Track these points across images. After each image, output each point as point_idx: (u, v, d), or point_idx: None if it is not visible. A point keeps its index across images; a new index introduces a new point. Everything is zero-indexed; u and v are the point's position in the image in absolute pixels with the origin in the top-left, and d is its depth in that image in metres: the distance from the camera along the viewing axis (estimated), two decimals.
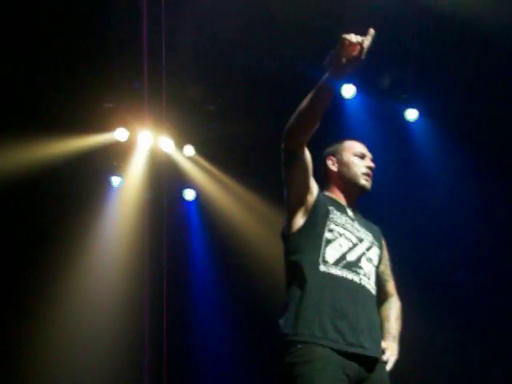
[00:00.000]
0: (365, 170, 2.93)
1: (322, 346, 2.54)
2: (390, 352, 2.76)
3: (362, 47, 2.35)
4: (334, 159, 2.99)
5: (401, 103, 6.68)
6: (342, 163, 2.97)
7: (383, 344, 2.75)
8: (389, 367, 2.73)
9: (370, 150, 3.08)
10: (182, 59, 6.35)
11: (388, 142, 6.64)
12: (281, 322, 2.65)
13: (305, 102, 2.58)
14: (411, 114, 6.72)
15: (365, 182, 2.92)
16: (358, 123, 6.57)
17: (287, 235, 2.81)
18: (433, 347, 6.81)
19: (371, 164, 2.97)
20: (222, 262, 7.48)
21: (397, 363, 2.78)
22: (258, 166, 6.92)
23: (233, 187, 7.23)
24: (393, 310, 2.96)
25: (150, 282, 6.17)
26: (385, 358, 2.72)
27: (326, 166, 2.99)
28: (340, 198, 2.95)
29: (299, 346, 2.55)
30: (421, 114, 6.72)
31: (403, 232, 6.94)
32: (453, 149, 6.72)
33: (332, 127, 2.79)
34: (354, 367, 2.57)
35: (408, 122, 6.78)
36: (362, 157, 2.98)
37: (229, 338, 7.31)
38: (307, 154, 2.74)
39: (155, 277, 6.18)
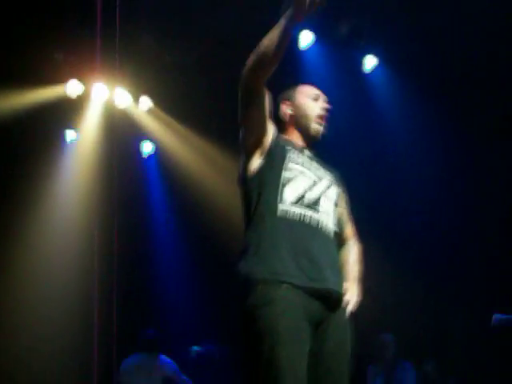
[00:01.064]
0: (318, 112, 2.88)
1: (284, 283, 2.50)
2: (351, 293, 2.73)
3: None
4: (288, 103, 2.94)
5: (359, 51, 6.62)
6: (295, 106, 2.91)
7: (344, 285, 2.72)
8: (350, 308, 2.69)
9: (328, 98, 3.00)
10: (137, 7, 6.14)
11: (346, 91, 6.60)
12: (240, 264, 2.61)
13: (266, 40, 2.55)
14: (370, 62, 6.67)
15: (316, 125, 2.87)
16: (315, 71, 6.49)
17: (244, 178, 2.76)
18: (393, 293, 6.90)
19: (325, 105, 2.92)
20: (181, 215, 7.45)
21: (359, 306, 2.75)
22: (217, 117, 6.82)
23: (192, 139, 7.13)
24: (352, 252, 2.92)
25: (102, 238, 6.06)
26: (346, 299, 2.69)
27: (280, 110, 2.93)
28: (296, 140, 2.89)
29: (260, 286, 2.51)
30: (380, 62, 6.68)
31: (361, 181, 6.97)
32: (411, 97, 6.71)
33: (289, 76, 2.71)
34: (315, 307, 2.55)
35: (366, 70, 6.74)
36: (316, 99, 2.92)
37: (189, 288, 7.32)
38: (266, 94, 2.69)
39: (107, 231, 6.07)
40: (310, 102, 2.91)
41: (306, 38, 6.35)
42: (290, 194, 2.66)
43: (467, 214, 6.90)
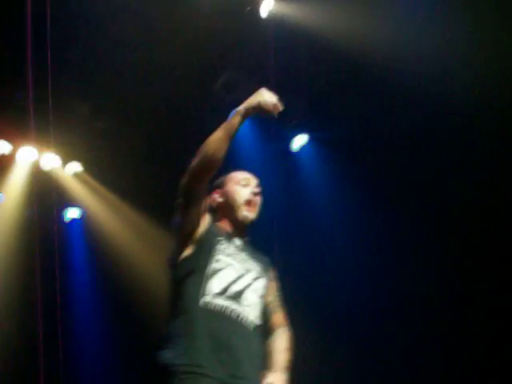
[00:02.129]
0: (247, 197, 2.87)
1: (204, 375, 2.48)
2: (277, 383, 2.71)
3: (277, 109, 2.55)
4: (219, 191, 2.95)
5: (290, 130, 6.74)
6: (225, 194, 2.92)
7: (270, 376, 2.68)
8: None
9: (257, 178, 3.03)
10: (69, 74, 6.14)
11: (275, 170, 6.67)
12: (162, 354, 2.59)
13: (211, 142, 2.58)
14: (299, 141, 6.79)
15: (246, 213, 2.87)
16: (244, 148, 6.56)
17: (174, 264, 2.76)
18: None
19: (256, 189, 2.92)
20: (104, 285, 7.28)
21: None
22: (146, 188, 6.80)
23: (120, 207, 7.07)
24: (280, 340, 2.90)
25: (23, 308, 5.90)
26: None
27: (212, 200, 2.93)
28: (229, 229, 2.89)
29: (182, 376, 2.49)
30: (309, 141, 6.81)
31: (292, 260, 6.99)
32: (339, 177, 6.83)
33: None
34: None
35: (295, 148, 6.86)
36: (247, 184, 2.93)
37: (109, 363, 7.12)
38: (205, 193, 2.73)
39: (29, 301, 5.90)
40: (239, 188, 2.90)
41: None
42: (214, 285, 2.65)
43: (396, 296, 6.95)
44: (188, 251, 2.74)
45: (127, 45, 5.87)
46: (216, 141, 2.56)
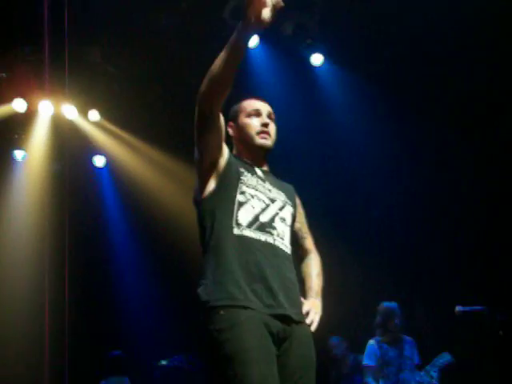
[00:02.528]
0: (259, 129, 2.85)
1: (244, 307, 2.49)
2: (314, 311, 2.74)
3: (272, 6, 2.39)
4: (232, 125, 2.93)
5: (305, 49, 6.61)
6: (238, 128, 2.91)
7: (306, 303, 2.74)
8: (313, 328, 2.70)
9: (277, 99, 2.98)
10: (84, 22, 6.02)
11: (295, 90, 6.61)
12: (199, 290, 2.59)
13: (217, 63, 2.50)
14: (316, 59, 6.65)
15: (261, 140, 2.85)
16: (262, 73, 6.47)
17: (199, 200, 2.75)
18: (359, 291, 6.91)
19: (266, 120, 2.88)
20: (136, 226, 7.34)
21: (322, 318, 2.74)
22: (165, 126, 6.76)
23: (142, 149, 7.05)
24: (313, 266, 2.93)
25: (54, 253, 5.99)
26: (309, 320, 2.69)
27: (227, 133, 2.89)
28: (248, 160, 2.88)
29: (222, 312, 2.49)
30: (326, 59, 6.67)
31: (317, 180, 6.99)
32: (358, 92, 6.71)
33: (236, 80, 2.64)
34: (277, 325, 2.54)
35: (313, 67, 6.71)
36: (257, 114, 2.89)
37: (148, 300, 7.24)
38: (221, 118, 2.67)
39: (60, 246, 5.98)
40: (250, 120, 2.87)
41: (251, 41, 6.31)
42: (244, 217, 2.65)
43: (427, 209, 6.95)
44: (212, 185, 2.72)
45: None
46: (222, 59, 2.48)
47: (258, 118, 2.88)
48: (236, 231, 2.62)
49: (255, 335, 2.45)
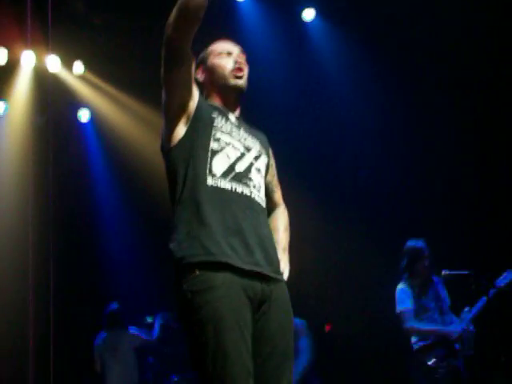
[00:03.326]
0: (231, 66, 2.68)
1: (220, 263, 2.37)
2: (283, 264, 2.66)
3: None
4: (201, 69, 2.75)
5: (297, 3, 6.47)
6: (208, 70, 2.73)
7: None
8: (284, 278, 2.62)
9: (264, 53, 2.86)
10: None
11: (284, 44, 6.49)
12: (172, 246, 2.46)
13: None
14: (308, 14, 6.53)
15: (235, 80, 2.68)
16: (251, 25, 6.30)
17: (168, 148, 2.57)
18: (340, 251, 6.91)
19: (239, 58, 2.72)
20: (122, 181, 7.25)
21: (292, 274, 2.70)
22: (151, 79, 6.59)
23: (127, 102, 6.92)
24: (281, 220, 2.83)
25: (37, 209, 5.89)
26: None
27: (197, 79, 2.72)
28: (220, 104, 2.71)
29: (197, 272, 2.37)
30: (317, 14, 6.54)
31: (304, 136, 6.91)
32: (349, 49, 6.62)
33: (226, 28, 2.52)
34: (254, 287, 2.43)
35: (304, 22, 6.59)
36: (229, 54, 2.73)
37: (132, 256, 7.19)
38: (191, 55, 2.50)
39: (43, 202, 5.88)
40: (222, 59, 2.70)
41: None
42: (218, 167, 2.50)
43: (416, 170, 6.91)
44: (181, 131, 2.55)
45: None
46: None
47: (229, 57, 2.71)
48: (210, 181, 2.47)
49: (231, 302, 2.35)
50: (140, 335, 6.36)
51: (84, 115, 7.02)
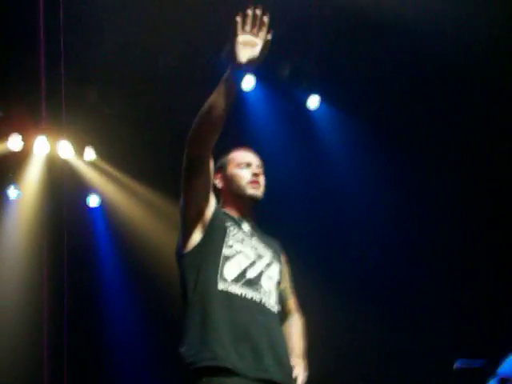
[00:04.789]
0: (250, 179, 2.78)
1: (227, 373, 2.36)
2: (297, 371, 2.63)
3: (265, 42, 2.38)
4: (221, 175, 2.84)
5: (302, 92, 6.61)
6: (227, 179, 2.82)
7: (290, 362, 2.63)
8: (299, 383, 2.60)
9: (271, 143, 2.95)
10: (81, 60, 6.04)
11: (291, 132, 6.59)
12: (182, 350, 2.47)
13: (208, 104, 2.46)
14: (313, 102, 6.67)
15: (252, 190, 2.77)
16: (258, 115, 6.46)
17: (183, 254, 2.63)
18: (349, 338, 6.80)
19: (257, 170, 2.81)
20: (130, 271, 7.22)
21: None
22: (161, 167, 6.73)
23: (138, 190, 7.00)
24: (295, 327, 2.84)
25: (51, 295, 5.89)
26: (295, 376, 2.59)
27: (214, 185, 2.81)
28: (235, 214, 2.79)
29: (204, 379, 2.37)
30: (322, 102, 6.68)
31: (313, 224, 6.90)
32: (355, 137, 6.72)
33: (231, 121, 2.60)
34: None
35: (309, 110, 6.72)
36: (248, 165, 2.83)
37: (140, 348, 7.07)
38: (211, 165, 2.60)
39: (57, 289, 5.90)
40: (240, 171, 2.80)
41: (247, 81, 6.33)
42: (230, 272, 2.54)
43: (423, 253, 6.87)
44: (196, 237, 2.61)
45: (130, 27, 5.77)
46: (212, 100, 2.43)
47: (248, 169, 2.81)
48: (221, 286, 2.50)
49: None
50: None
51: (93, 200, 7.11)
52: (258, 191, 2.78)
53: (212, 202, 2.66)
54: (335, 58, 6.44)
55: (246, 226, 2.77)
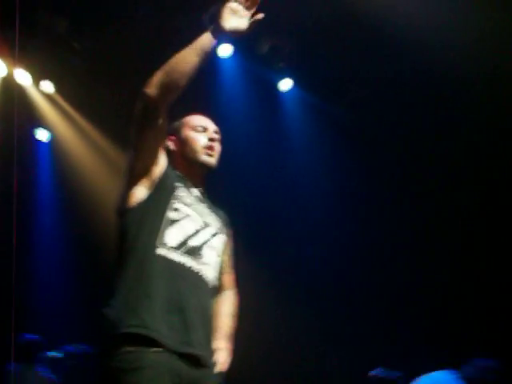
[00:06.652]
0: (205, 143, 2.66)
1: (154, 345, 2.26)
2: (222, 353, 2.56)
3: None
4: (173, 138, 2.71)
5: (276, 71, 6.53)
6: (181, 141, 2.69)
7: (215, 344, 2.55)
8: (220, 368, 2.52)
9: (237, 113, 2.85)
10: None
11: (257, 108, 6.53)
12: (107, 311, 2.34)
13: (181, 56, 2.37)
14: (285, 84, 6.61)
15: (206, 157, 2.65)
16: (229, 84, 6.35)
17: (124, 209, 2.49)
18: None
19: (213, 136, 2.70)
20: (69, 211, 7.07)
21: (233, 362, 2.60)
22: (119, 114, 6.53)
23: (90, 133, 6.81)
24: (226, 305, 2.76)
25: None
26: (216, 359, 2.51)
27: (167, 147, 2.67)
28: (186, 177, 2.66)
29: (128, 348, 2.25)
30: (295, 85, 6.61)
31: (261, 203, 6.88)
32: (323, 123, 6.68)
33: (204, 85, 2.50)
34: (183, 370, 2.31)
35: (281, 91, 6.65)
36: (205, 130, 2.71)
37: (65, 284, 6.98)
38: (165, 121, 2.47)
39: None
40: (196, 134, 2.68)
41: (225, 49, 6.21)
42: (172, 238, 2.42)
43: (363, 248, 6.92)
44: (141, 194, 2.47)
45: None
46: (184, 57, 2.36)
47: (204, 133, 2.69)
48: (160, 251, 2.38)
49: None
50: (48, 378, 5.92)
51: (43, 134, 6.90)
52: (212, 159, 2.66)
53: (162, 161, 2.54)
54: (315, 45, 6.34)
55: (196, 191, 2.66)
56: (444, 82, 5.93)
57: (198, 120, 2.74)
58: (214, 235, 2.58)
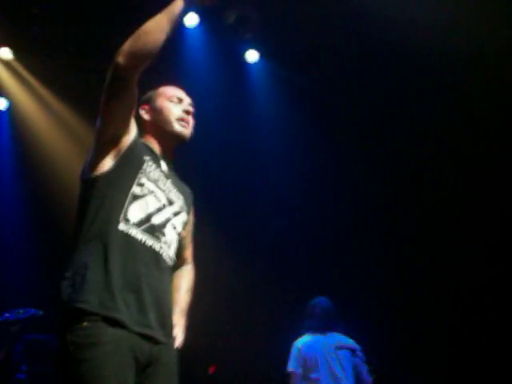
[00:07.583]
0: (180, 114, 2.62)
1: (111, 321, 2.21)
2: (178, 328, 2.54)
3: None
4: (147, 107, 2.66)
5: (243, 42, 6.44)
6: (155, 111, 2.64)
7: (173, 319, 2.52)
8: (176, 344, 2.49)
9: (203, 83, 2.78)
10: None
11: (223, 79, 6.45)
12: (63, 284, 2.27)
13: (152, 23, 2.34)
14: (251, 56, 6.53)
15: (180, 128, 2.61)
16: (194, 53, 6.24)
17: (88, 178, 2.42)
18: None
19: (188, 108, 2.66)
20: (28, 179, 6.90)
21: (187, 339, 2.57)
22: (82, 84, 6.37)
23: (49, 100, 6.61)
24: (185, 279, 2.74)
25: None
26: (174, 334, 2.49)
27: (139, 115, 2.64)
28: (156, 149, 2.61)
29: (85, 323, 2.19)
30: (261, 56, 6.54)
31: (225, 174, 6.84)
32: (287, 94, 6.63)
33: (170, 55, 2.43)
34: (143, 348, 2.27)
35: (247, 62, 6.58)
36: (180, 101, 2.67)
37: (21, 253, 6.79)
38: (136, 90, 2.41)
39: None
40: (171, 104, 2.65)
41: (190, 18, 6.07)
42: (135, 214, 2.37)
43: (328, 222, 6.94)
44: (107, 164, 2.41)
45: None
46: (158, 20, 2.34)
47: (179, 104, 2.65)
48: (122, 227, 2.33)
49: (115, 362, 2.18)
50: None
51: (1, 103, 6.69)
52: (186, 130, 2.63)
53: (132, 131, 2.49)
54: (283, 16, 6.25)
55: (164, 165, 2.60)
56: (410, 53, 5.90)
57: (174, 91, 2.70)
58: (176, 214, 2.55)
